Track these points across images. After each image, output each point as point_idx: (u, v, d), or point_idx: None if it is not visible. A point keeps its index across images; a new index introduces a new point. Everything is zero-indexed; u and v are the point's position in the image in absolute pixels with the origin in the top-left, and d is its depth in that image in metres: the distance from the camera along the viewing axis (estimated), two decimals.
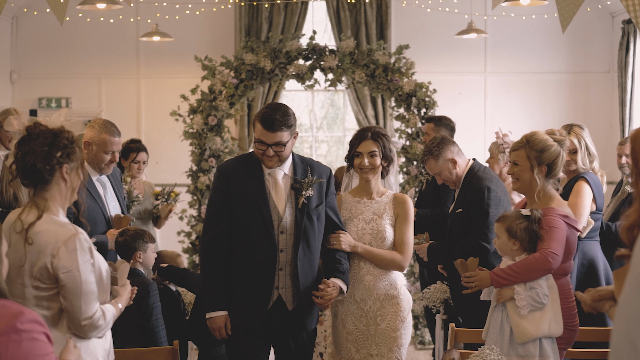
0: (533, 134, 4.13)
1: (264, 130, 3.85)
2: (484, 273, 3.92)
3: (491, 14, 9.22)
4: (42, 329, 2.26)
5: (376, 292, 4.17)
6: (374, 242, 4.19)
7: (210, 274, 3.94)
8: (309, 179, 3.97)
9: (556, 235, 3.86)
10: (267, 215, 3.90)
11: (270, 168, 3.94)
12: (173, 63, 9.92)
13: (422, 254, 5.01)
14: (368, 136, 4.23)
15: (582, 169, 5.12)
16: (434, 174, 5.11)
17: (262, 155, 3.92)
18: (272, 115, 3.85)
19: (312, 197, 3.97)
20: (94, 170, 4.65)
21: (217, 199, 3.96)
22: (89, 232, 4.46)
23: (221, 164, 4.18)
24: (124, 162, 6.48)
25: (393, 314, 4.16)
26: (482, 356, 3.39)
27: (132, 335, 4.19)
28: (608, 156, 9.81)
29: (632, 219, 2.22)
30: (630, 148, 2.28)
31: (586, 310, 2.83)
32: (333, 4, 9.66)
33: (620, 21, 9.51)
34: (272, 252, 3.90)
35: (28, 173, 2.97)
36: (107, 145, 4.62)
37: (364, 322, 4.17)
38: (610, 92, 10.00)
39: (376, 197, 4.28)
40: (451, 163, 4.97)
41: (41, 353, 2.23)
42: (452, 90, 9.80)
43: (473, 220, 4.77)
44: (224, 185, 3.95)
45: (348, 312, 4.19)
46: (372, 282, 4.18)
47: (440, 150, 5.00)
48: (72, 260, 2.91)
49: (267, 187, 3.95)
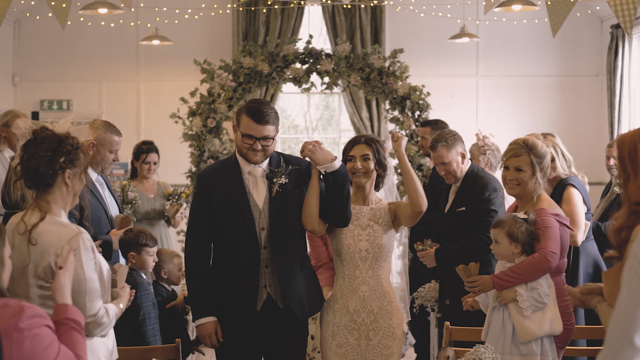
0: (532, 141, 4.13)
1: (253, 123, 3.75)
2: (486, 277, 3.90)
3: (483, 18, 9.25)
4: (44, 321, 2.27)
5: (370, 304, 3.95)
6: (370, 248, 3.98)
7: (195, 280, 3.87)
8: (282, 167, 3.84)
9: (552, 234, 3.89)
10: (248, 214, 3.81)
11: (254, 163, 3.84)
12: (172, 66, 9.92)
13: (427, 260, 4.87)
14: (362, 141, 4.09)
15: (564, 174, 5.13)
16: (440, 163, 4.97)
17: (247, 150, 3.81)
18: (261, 108, 3.78)
19: (287, 184, 3.83)
20: (95, 170, 4.66)
21: (198, 203, 3.90)
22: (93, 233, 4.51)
23: (200, 171, 4.13)
24: (135, 163, 6.55)
25: (386, 329, 3.95)
26: (477, 354, 3.38)
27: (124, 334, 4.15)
28: (597, 158, 9.84)
29: (620, 222, 2.25)
30: (617, 153, 2.31)
31: (574, 304, 2.85)
32: (329, 9, 9.67)
33: (609, 26, 9.54)
34: (255, 249, 3.81)
35: (31, 176, 2.99)
36: (114, 145, 4.65)
37: (355, 336, 3.95)
38: (599, 95, 10.03)
39: (371, 204, 4.08)
40: (461, 157, 4.96)
41: (44, 345, 2.25)
42: (445, 93, 9.82)
43: (479, 217, 4.74)
44: (203, 190, 3.89)
45: (340, 323, 3.97)
46: (367, 293, 3.95)
47: (455, 141, 4.97)
48: (76, 259, 2.92)
49: (247, 186, 3.86)
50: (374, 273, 3.98)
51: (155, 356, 3.79)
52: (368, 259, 3.98)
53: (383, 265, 4.01)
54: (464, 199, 4.89)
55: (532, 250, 3.90)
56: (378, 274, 3.99)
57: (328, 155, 3.79)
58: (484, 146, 5.73)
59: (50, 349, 2.26)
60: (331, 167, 3.77)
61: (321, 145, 3.84)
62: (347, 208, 3.90)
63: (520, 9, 6.71)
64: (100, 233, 4.47)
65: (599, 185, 9.37)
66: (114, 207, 4.78)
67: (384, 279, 4.01)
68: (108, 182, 4.86)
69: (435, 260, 4.84)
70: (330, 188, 3.81)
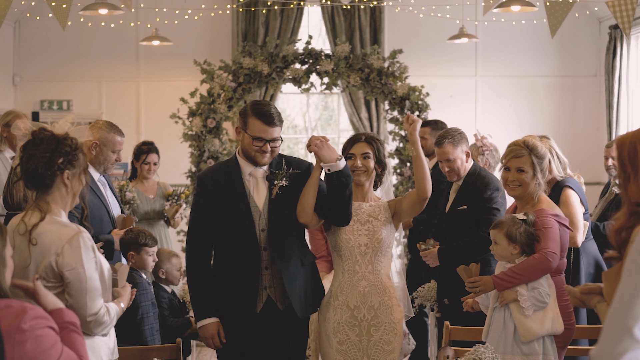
0: (530, 141, 4.12)
1: (263, 126, 3.73)
2: (487, 277, 3.89)
3: (482, 19, 9.24)
4: (46, 323, 2.26)
5: (371, 299, 3.91)
6: (370, 243, 3.94)
7: (196, 280, 3.85)
8: (283, 170, 3.81)
9: (552, 235, 3.89)
10: (247, 215, 3.78)
11: (262, 165, 3.82)
12: (172, 66, 9.92)
13: (430, 259, 4.86)
14: (362, 139, 4.07)
15: (560, 177, 5.13)
16: (445, 159, 4.96)
17: (256, 152, 3.78)
18: (269, 110, 3.76)
19: (286, 187, 3.81)
20: (97, 170, 4.67)
21: (198, 205, 3.89)
22: (95, 231, 4.52)
23: (200, 173, 4.10)
24: (135, 164, 6.56)
25: (387, 324, 3.91)
26: (477, 354, 3.38)
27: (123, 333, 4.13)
28: (595, 158, 9.85)
29: (620, 222, 2.25)
30: (617, 154, 2.31)
31: (574, 303, 2.85)
32: (328, 9, 9.67)
33: (607, 26, 9.55)
34: (255, 251, 3.79)
35: (30, 177, 3.01)
36: (116, 145, 4.66)
37: (356, 332, 3.91)
38: (597, 96, 10.04)
39: (371, 201, 4.06)
40: (465, 155, 4.97)
41: (46, 347, 2.24)
42: (444, 93, 9.83)
43: (481, 216, 4.75)
44: (203, 191, 3.87)
45: (341, 320, 3.92)
46: (367, 288, 3.91)
47: (461, 139, 4.98)
48: (76, 258, 2.93)
49: (247, 187, 3.84)
50: (373, 268, 3.94)
51: (155, 356, 3.78)
52: (367, 253, 3.94)
53: (382, 260, 3.98)
54: (466, 197, 4.90)
55: (531, 251, 3.89)
56: (377, 269, 3.95)
57: (334, 154, 3.75)
58: (483, 146, 5.72)
59: (53, 350, 2.26)
60: (335, 166, 3.73)
61: (328, 141, 3.80)
62: (348, 208, 3.88)
63: (519, 10, 6.71)
64: (102, 233, 4.48)
65: (597, 186, 9.37)
66: (116, 207, 4.79)
67: (383, 274, 3.98)
68: (110, 182, 4.86)
69: (439, 259, 4.83)
70: (333, 187, 3.78)
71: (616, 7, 6.52)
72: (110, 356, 3.17)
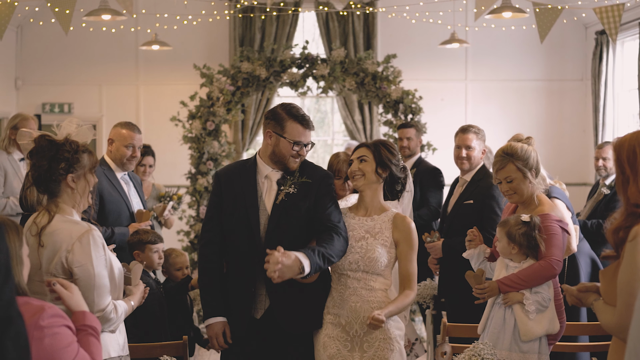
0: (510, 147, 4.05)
1: (303, 130, 3.64)
2: (493, 283, 3.84)
3: (473, 25, 9.28)
4: (64, 322, 2.27)
5: (363, 314, 3.56)
6: (361, 262, 3.60)
7: (206, 275, 3.74)
8: (295, 177, 3.67)
9: (556, 242, 3.85)
10: (254, 216, 3.65)
11: (294, 170, 3.69)
12: (171, 70, 9.92)
13: (435, 251, 4.95)
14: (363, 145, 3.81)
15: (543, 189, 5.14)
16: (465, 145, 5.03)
17: (292, 157, 3.65)
18: (304, 114, 3.67)
19: (293, 194, 3.64)
20: (118, 167, 4.81)
21: (212, 203, 3.81)
22: (113, 223, 4.59)
23: (219, 169, 3.99)
24: None
25: (382, 340, 3.57)
26: (475, 351, 3.38)
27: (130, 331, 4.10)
28: (581, 160, 9.91)
29: (618, 222, 2.27)
30: (615, 156, 2.33)
31: (571, 302, 2.86)
32: (323, 15, 9.69)
33: (593, 32, 9.60)
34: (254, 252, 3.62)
35: (38, 183, 3.06)
36: (127, 139, 4.77)
37: (348, 348, 3.59)
38: (583, 99, 10.09)
39: (373, 214, 3.70)
40: (482, 151, 5.08)
41: (63, 345, 2.25)
42: (435, 97, 9.87)
43: (486, 214, 4.80)
44: (217, 189, 3.78)
45: (332, 334, 3.62)
46: (359, 303, 3.58)
47: (484, 136, 5.13)
48: (85, 255, 2.95)
49: (259, 190, 3.70)
50: (366, 284, 3.61)
51: (164, 352, 3.78)
52: (358, 270, 3.62)
53: (377, 278, 3.63)
54: (473, 192, 4.96)
55: (533, 253, 3.88)
56: (371, 285, 3.61)
57: (296, 268, 3.36)
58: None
59: (70, 348, 2.27)
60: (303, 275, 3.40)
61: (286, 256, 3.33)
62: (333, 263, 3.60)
63: (510, 16, 6.73)
64: (120, 225, 4.68)
65: (583, 186, 9.42)
66: (139, 205, 4.93)
67: (378, 290, 3.62)
68: (136, 182, 4.99)
69: (442, 252, 4.94)
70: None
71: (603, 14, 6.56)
72: (120, 352, 3.17)
